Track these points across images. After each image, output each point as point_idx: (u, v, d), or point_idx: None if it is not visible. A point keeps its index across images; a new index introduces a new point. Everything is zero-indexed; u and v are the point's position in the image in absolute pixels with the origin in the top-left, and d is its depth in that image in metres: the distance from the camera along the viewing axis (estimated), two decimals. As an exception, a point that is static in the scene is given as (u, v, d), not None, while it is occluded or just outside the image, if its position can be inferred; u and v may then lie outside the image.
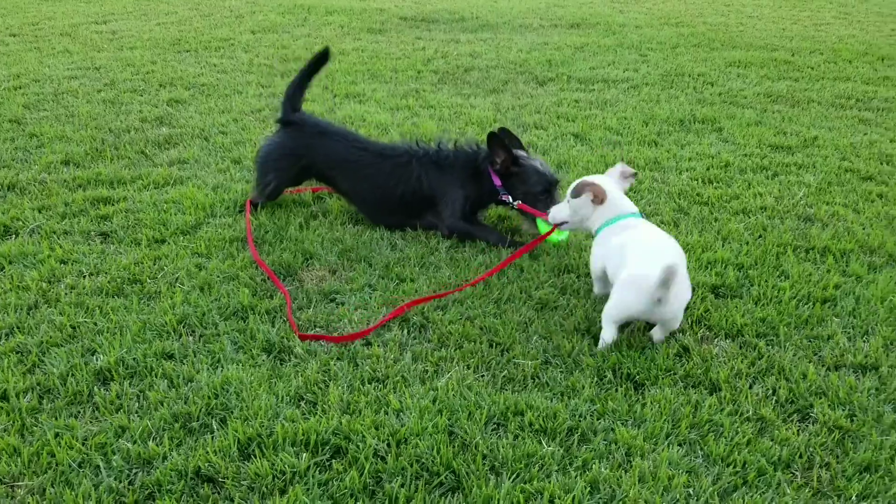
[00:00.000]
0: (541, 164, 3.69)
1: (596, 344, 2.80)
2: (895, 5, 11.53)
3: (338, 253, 3.49)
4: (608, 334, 2.78)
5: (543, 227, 3.53)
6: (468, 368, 2.66)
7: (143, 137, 5.07)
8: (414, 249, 3.53)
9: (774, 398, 2.54)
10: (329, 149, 3.86)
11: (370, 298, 3.12)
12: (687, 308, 2.88)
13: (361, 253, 3.50)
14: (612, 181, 3.07)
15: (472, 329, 2.88)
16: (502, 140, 3.63)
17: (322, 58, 4.06)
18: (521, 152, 3.71)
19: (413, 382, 2.58)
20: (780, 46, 8.27)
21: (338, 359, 2.71)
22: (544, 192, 3.63)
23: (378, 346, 2.78)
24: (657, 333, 2.83)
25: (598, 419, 2.42)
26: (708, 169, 4.62)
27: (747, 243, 3.61)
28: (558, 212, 3.16)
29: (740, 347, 2.82)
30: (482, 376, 2.63)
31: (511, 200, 3.65)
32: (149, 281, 3.24)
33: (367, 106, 5.87)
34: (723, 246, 3.59)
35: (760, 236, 3.70)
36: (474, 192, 3.74)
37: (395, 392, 2.53)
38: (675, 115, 5.69)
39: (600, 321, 2.83)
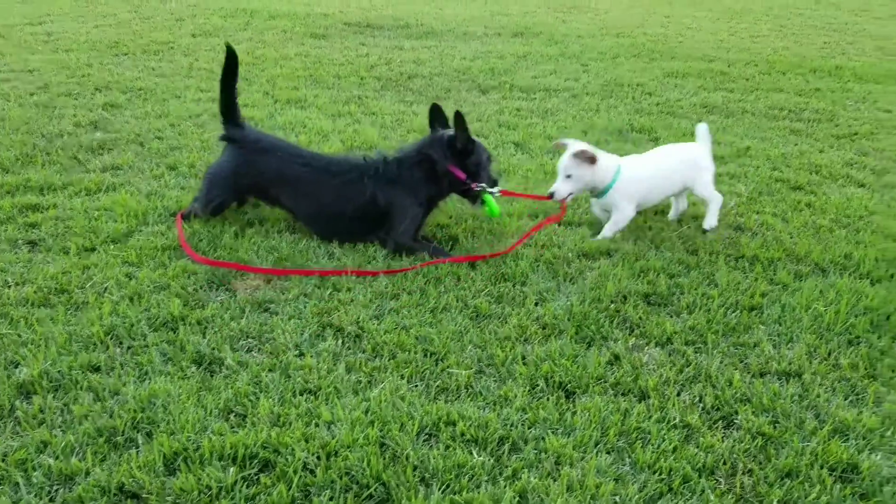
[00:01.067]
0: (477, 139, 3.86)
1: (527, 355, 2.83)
2: (828, 19, 11.92)
3: (273, 262, 3.45)
4: None
5: (491, 203, 3.72)
6: (402, 378, 2.66)
7: (77, 142, 4.95)
8: (351, 258, 3.52)
9: (701, 405, 2.59)
10: (270, 165, 3.78)
11: (305, 308, 3.09)
12: (621, 310, 2.93)
13: (298, 262, 3.47)
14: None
15: (408, 338, 2.88)
16: (464, 118, 3.68)
17: (231, 60, 3.85)
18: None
19: (346, 394, 2.57)
20: (717, 58, 8.47)
21: (270, 370, 2.68)
22: (489, 161, 3.83)
23: (311, 356, 2.75)
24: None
25: (529, 428, 2.44)
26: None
27: (679, 252, 3.69)
28: (562, 189, 3.74)
29: (669, 355, 2.88)
30: (416, 386, 2.63)
31: (485, 188, 3.73)
32: (77, 291, 3.16)
33: (308, 112, 5.83)
34: (656, 254, 3.66)
35: (692, 245, 3.77)
36: (435, 196, 3.78)
37: (326, 404, 2.51)
38: (613, 125, 5.78)
39: (532, 326, 2.86)
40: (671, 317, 3.14)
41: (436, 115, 3.89)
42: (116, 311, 2.99)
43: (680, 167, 3.94)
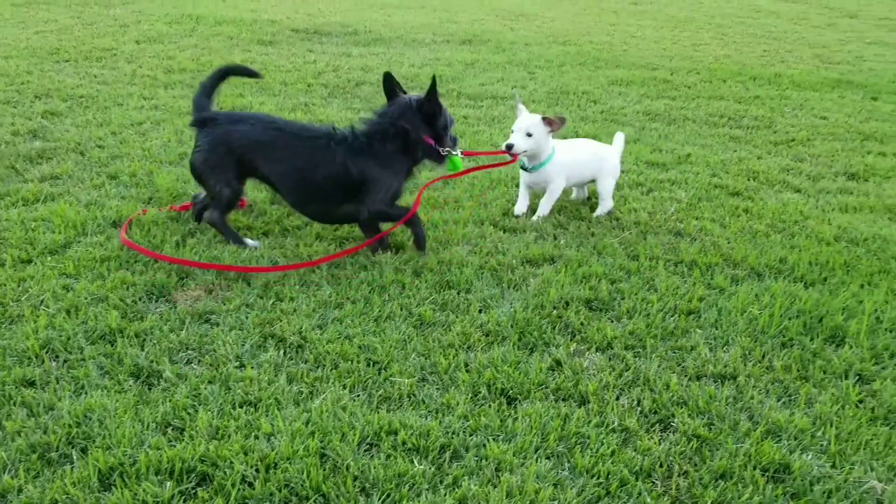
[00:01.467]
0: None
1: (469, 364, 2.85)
2: (768, 27, 12.23)
3: (214, 271, 3.42)
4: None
5: (455, 160, 3.87)
6: (344, 388, 2.65)
7: (14, 152, 4.83)
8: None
9: (639, 409, 2.64)
10: (246, 133, 3.70)
11: (247, 318, 3.06)
12: (563, 316, 2.98)
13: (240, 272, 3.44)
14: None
15: (351, 348, 2.88)
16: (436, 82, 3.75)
17: (235, 70, 3.94)
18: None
19: (287, 405, 2.55)
20: (660, 66, 8.64)
21: (209, 382, 2.65)
22: (452, 123, 3.96)
23: (252, 368, 2.73)
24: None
25: (470, 435, 2.46)
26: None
27: (621, 257, 3.75)
28: (520, 144, 4.12)
29: (610, 360, 2.92)
30: (358, 396, 2.63)
31: (454, 152, 3.86)
32: (11, 304, 3.09)
33: (254, 120, 5.77)
34: (598, 260, 3.71)
35: (633, 251, 3.84)
36: (409, 169, 3.82)
37: (267, 415, 2.49)
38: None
39: (476, 334, 2.88)
40: (612, 322, 3.20)
41: (390, 83, 3.84)
42: (53, 325, 2.93)
43: (594, 160, 4.37)
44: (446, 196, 4.48)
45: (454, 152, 3.86)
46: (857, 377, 2.87)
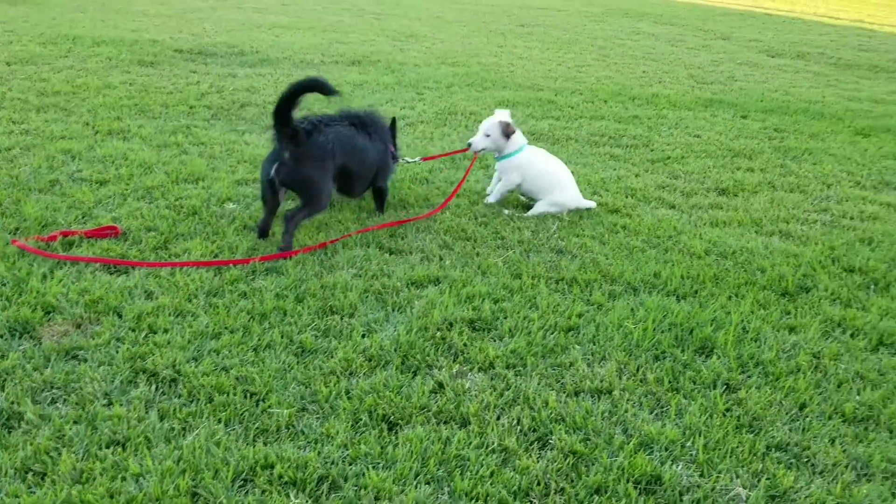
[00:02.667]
0: None
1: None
2: (647, 49, 12.76)
3: (84, 304, 3.26)
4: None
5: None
6: (219, 423, 2.58)
7: None
8: (170, 297, 3.38)
9: (519, 427, 2.67)
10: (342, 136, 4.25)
11: (117, 353, 2.93)
12: (447, 337, 2.99)
13: (111, 303, 3.29)
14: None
15: (227, 380, 2.79)
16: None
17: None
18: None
19: (157, 443, 2.45)
20: (545, 87, 8.87)
21: (74, 422, 2.53)
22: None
23: (121, 405, 2.62)
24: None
25: (350, 465, 2.43)
26: (473, 205, 4.84)
27: (504, 276, 3.81)
28: (479, 143, 4.84)
29: (492, 379, 2.95)
30: (234, 430, 2.55)
31: (405, 159, 5.12)
32: None
33: (131, 143, 5.58)
34: (482, 280, 3.76)
35: (517, 269, 3.91)
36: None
37: (136, 455, 2.39)
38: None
39: (359, 359, 2.85)
40: (494, 341, 3.23)
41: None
42: None
43: (548, 180, 4.81)
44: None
45: (409, 160, 5.12)
46: (725, 386, 3.00)
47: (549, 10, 18.13)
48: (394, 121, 4.94)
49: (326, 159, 4.10)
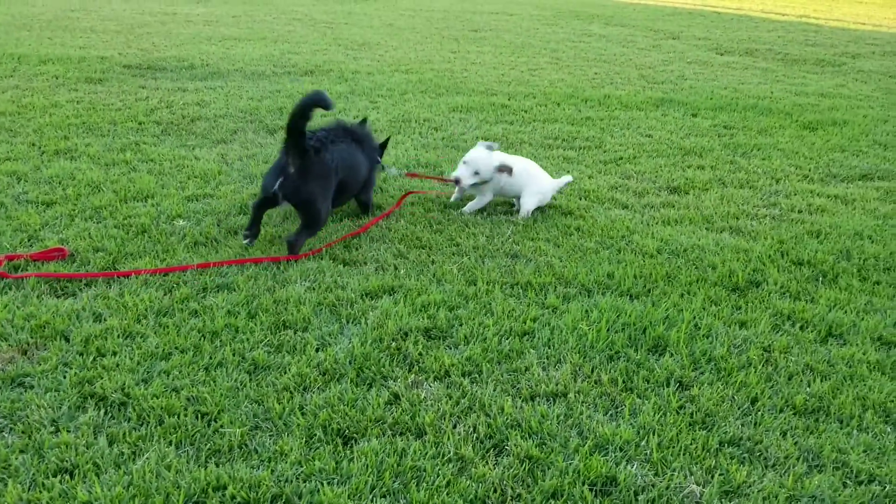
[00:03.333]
0: None
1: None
2: (597, 51, 12.89)
3: (30, 330, 3.19)
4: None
5: None
6: (170, 445, 2.53)
7: None
8: (119, 319, 3.32)
9: (475, 435, 2.67)
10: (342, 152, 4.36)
11: (64, 378, 2.87)
12: (402, 347, 2.97)
13: (59, 327, 3.22)
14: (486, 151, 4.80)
15: (178, 401, 2.75)
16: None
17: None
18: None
19: (107, 468, 2.40)
20: (498, 91, 8.90)
21: (21, 451, 2.46)
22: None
23: (69, 431, 2.56)
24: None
25: (304, 481, 2.40)
26: (428, 212, 4.84)
27: (460, 283, 3.80)
28: (467, 180, 4.73)
29: (447, 388, 2.94)
30: (185, 452, 2.51)
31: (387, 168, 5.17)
32: None
33: (78, 162, 5.47)
34: (437, 288, 3.75)
35: (472, 276, 3.91)
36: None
37: (84, 482, 2.34)
38: (400, 161, 5.90)
39: (313, 374, 2.82)
40: (450, 349, 3.23)
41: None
42: None
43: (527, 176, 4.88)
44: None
45: (393, 171, 5.22)
46: (678, 384, 3.03)
47: (500, 15, 18.23)
48: (388, 139, 5.25)
49: (330, 177, 4.20)
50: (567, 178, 5.06)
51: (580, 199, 5.23)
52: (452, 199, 5.07)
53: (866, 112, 8.46)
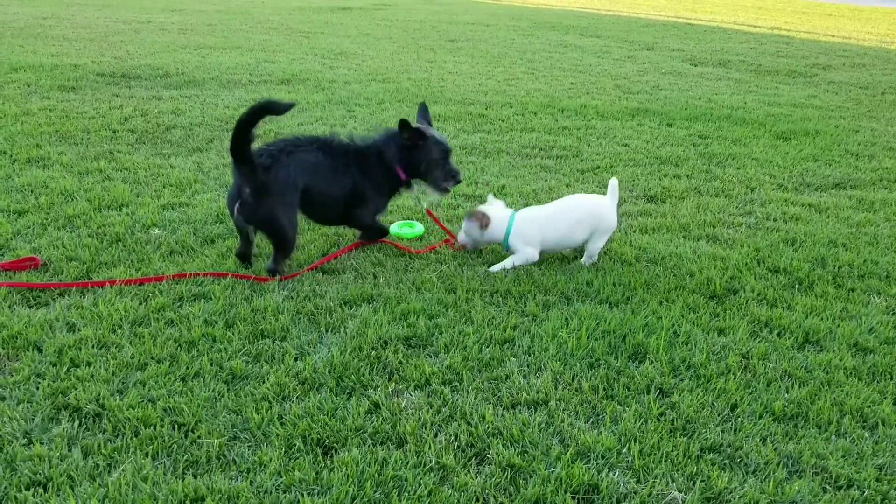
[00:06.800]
0: (438, 135, 4.36)
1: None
2: (574, 61, 12.97)
3: (2, 340, 3.13)
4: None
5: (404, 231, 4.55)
6: (146, 457, 2.49)
7: None
8: (93, 329, 3.26)
9: (456, 444, 2.65)
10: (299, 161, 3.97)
11: (37, 390, 2.81)
12: (382, 356, 2.95)
13: (31, 338, 3.16)
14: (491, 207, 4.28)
15: (154, 412, 2.70)
16: (408, 122, 4.21)
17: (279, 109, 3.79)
18: (422, 126, 4.35)
19: (81, 481, 2.35)
20: (476, 101, 8.92)
21: (-8, 466, 2.41)
22: (443, 159, 4.27)
23: (42, 444, 2.51)
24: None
25: (283, 493, 2.37)
26: (406, 218, 4.82)
27: (439, 292, 3.79)
28: (467, 244, 4.29)
29: (428, 397, 2.92)
30: (162, 463, 2.47)
31: (414, 191, 4.38)
32: None
33: (51, 171, 5.40)
34: (416, 296, 3.73)
35: (451, 284, 3.89)
36: (387, 192, 4.34)
37: (58, 496, 2.29)
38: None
39: (292, 383, 2.79)
40: (430, 357, 3.21)
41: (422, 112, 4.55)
42: None
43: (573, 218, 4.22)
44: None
45: (416, 194, 4.44)
46: (658, 391, 3.03)
47: (477, 25, 18.30)
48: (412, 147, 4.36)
49: (288, 193, 3.87)
50: (614, 182, 4.31)
51: (558, 207, 5.23)
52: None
53: (837, 122, 8.58)
